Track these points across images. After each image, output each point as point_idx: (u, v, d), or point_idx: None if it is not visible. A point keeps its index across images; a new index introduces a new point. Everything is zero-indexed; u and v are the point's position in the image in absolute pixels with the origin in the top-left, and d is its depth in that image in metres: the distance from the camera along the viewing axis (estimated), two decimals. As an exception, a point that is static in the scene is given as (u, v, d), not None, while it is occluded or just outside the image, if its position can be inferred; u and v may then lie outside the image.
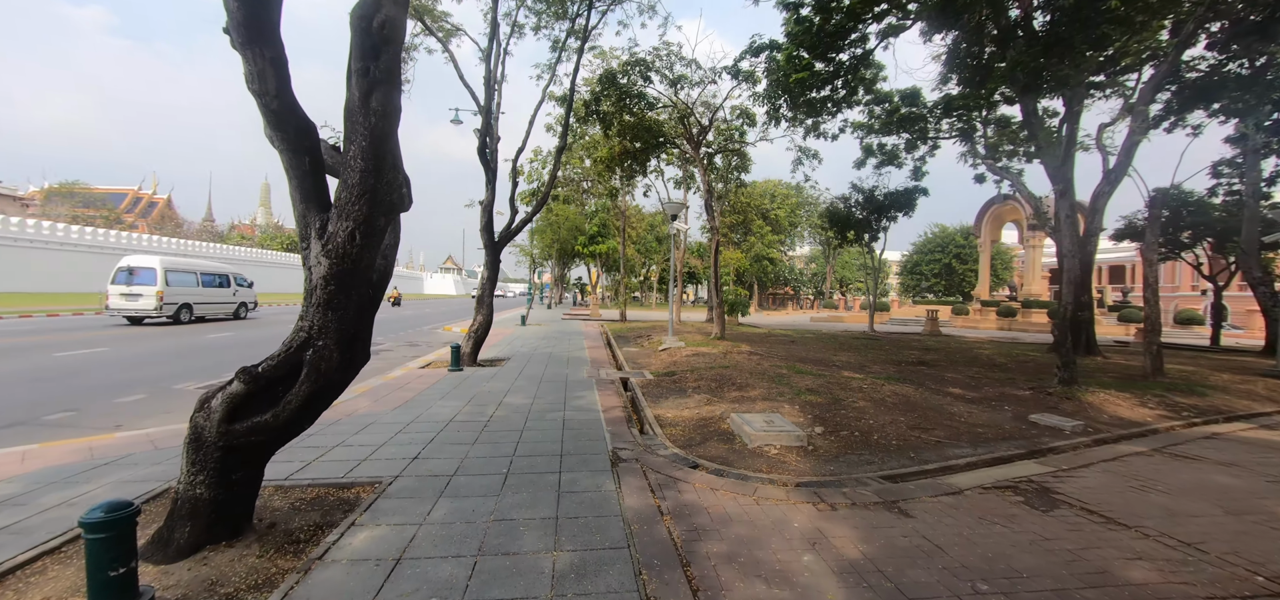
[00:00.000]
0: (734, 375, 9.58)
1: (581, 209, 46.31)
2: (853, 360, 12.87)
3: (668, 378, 9.86)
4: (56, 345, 12.92)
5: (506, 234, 11.43)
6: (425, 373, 10.05)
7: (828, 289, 70.95)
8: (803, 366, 11.16)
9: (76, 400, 7.73)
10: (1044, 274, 46.58)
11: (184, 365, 10.82)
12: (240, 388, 3.11)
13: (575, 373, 10.36)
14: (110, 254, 42.65)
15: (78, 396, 7.92)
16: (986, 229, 43.47)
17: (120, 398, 7.96)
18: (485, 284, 11.24)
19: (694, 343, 14.76)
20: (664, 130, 16.75)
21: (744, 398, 7.90)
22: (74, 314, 23.20)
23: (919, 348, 16.72)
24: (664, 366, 11.27)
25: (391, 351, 14.66)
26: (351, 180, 2.96)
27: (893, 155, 24.77)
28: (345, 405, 7.20)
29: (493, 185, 10.87)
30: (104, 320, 20.18)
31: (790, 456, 5.43)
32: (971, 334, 27.77)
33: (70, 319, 20.92)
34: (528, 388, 8.67)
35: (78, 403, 7.59)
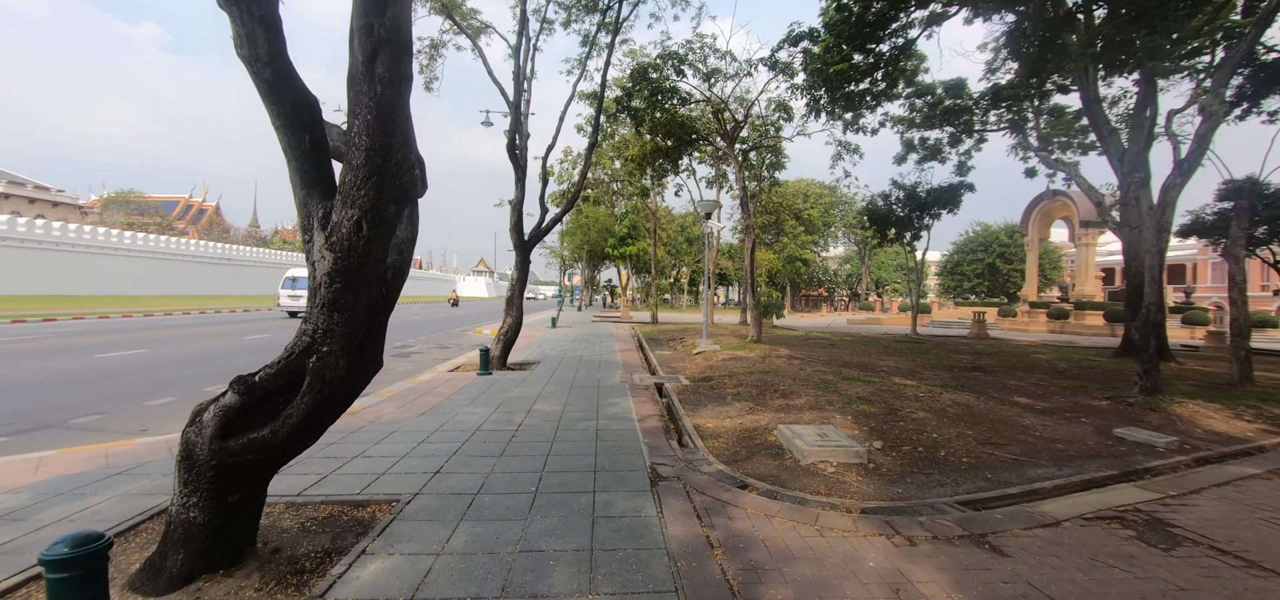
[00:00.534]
0: (776, 381, 8.98)
1: (611, 211, 46.10)
2: (901, 365, 12.08)
3: (705, 383, 9.33)
4: (100, 346, 13.17)
5: (536, 234, 11.08)
6: (454, 376, 9.76)
7: (863, 291, 69.00)
8: (849, 372, 10.46)
9: (108, 402, 7.66)
10: (1097, 273, 44.17)
11: (219, 367, 10.81)
12: (234, 400, 2.73)
13: (607, 377, 9.92)
14: (162, 259, 44.38)
15: (110, 399, 7.86)
16: (1034, 227, 41.51)
17: (151, 400, 7.87)
18: (515, 285, 10.91)
19: (729, 346, 14.16)
20: (697, 127, 16.20)
21: (789, 407, 7.31)
22: (124, 316, 24.00)
23: (969, 352, 15.73)
24: (700, 371, 10.73)
25: (422, 354, 14.51)
26: (356, 161, 2.56)
27: (935, 150, 23.71)
28: (369, 411, 6.91)
29: (522, 183, 10.53)
30: (139, 323, 20.79)
31: (850, 476, 4.84)
32: (1021, 337, 26.31)
33: (119, 321, 21.60)
34: (558, 393, 8.26)
35: (109, 405, 7.51)
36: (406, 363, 12.67)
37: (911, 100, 21.57)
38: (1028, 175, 23.23)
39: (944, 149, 23.68)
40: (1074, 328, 32.49)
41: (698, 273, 69.20)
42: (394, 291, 3.24)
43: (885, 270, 74.97)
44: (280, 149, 2.69)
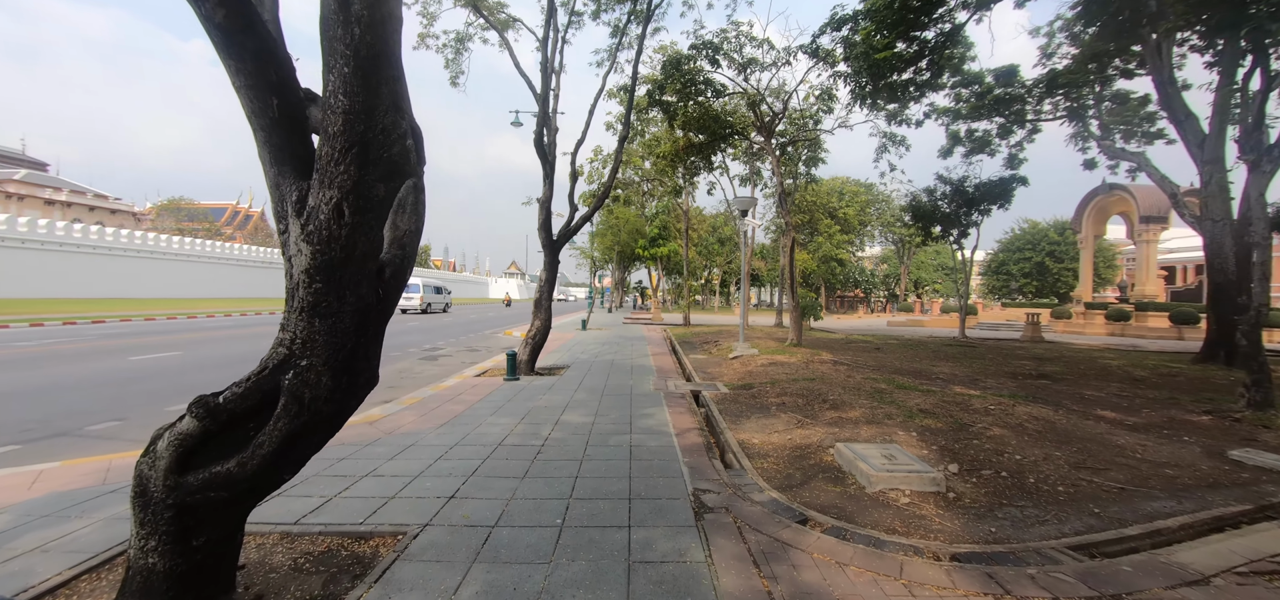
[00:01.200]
0: (824, 390, 8.23)
1: (641, 211, 45.61)
2: (958, 372, 11.13)
3: (745, 391, 8.64)
4: (136, 348, 13.28)
5: (565, 233, 10.58)
6: (480, 382, 9.32)
7: (902, 292, 66.70)
8: (902, 380, 9.62)
9: (130, 408, 7.46)
10: (1159, 272, 41.47)
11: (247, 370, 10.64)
12: (193, 426, 2.24)
13: (640, 384, 9.32)
14: (209, 263, 45.93)
15: (133, 404, 7.67)
16: (1088, 223, 39.19)
17: (171, 406, 7.64)
18: (543, 286, 10.44)
19: (768, 350, 13.40)
20: (731, 120, 15.49)
21: (843, 420, 6.58)
22: (168, 318, 24.62)
23: (1029, 357, 14.56)
24: (738, 378, 10.04)
25: (450, 357, 14.21)
26: (333, 128, 2.03)
27: (983, 142, 22.40)
28: (388, 420, 6.48)
29: (551, 180, 10.05)
30: (181, 324, 21.21)
31: (928, 507, 4.12)
32: (1080, 340, 24.65)
33: (163, 323, 22.12)
34: (588, 402, 7.71)
35: (130, 410, 7.31)
36: (434, 367, 12.35)
37: (957, 90, 20.37)
38: (1086, 167, 21.72)
39: (992, 141, 22.36)
40: (1136, 330, 30.43)
41: (729, 273, 68.08)
42: (393, 293, 2.71)
43: (925, 270, 72.35)
44: (247, 120, 2.18)
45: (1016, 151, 22.47)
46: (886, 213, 63.13)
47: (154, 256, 41.60)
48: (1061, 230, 58.84)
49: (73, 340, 14.94)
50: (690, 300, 31.22)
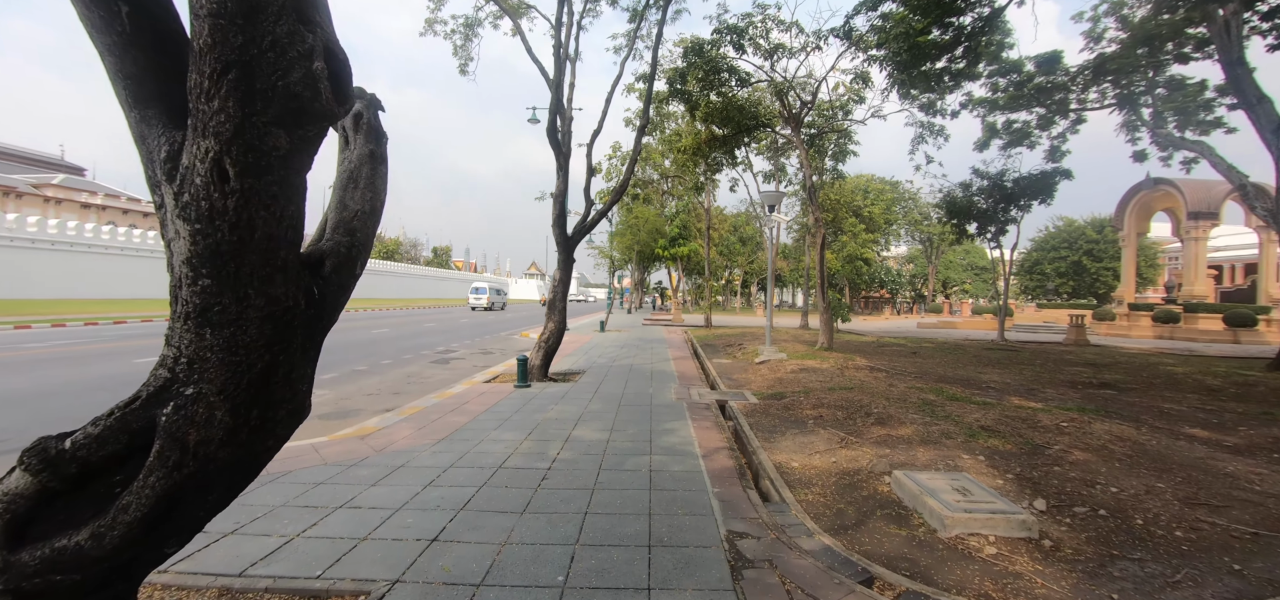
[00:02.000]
0: (865, 401, 7.39)
1: (661, 211, 44.84)
2: (1010, 381, 10.15)
3: (776, 401, 7.84)
4: (144, 351, 12.99)
5: (581, 229, 9.90)
6: (489, 389, 8.68)
7: (930, 292, 64.76)
8: (949, 388, 8.71)
9: (115, 417, 6.98)
10: (1209, 272, 39.34)
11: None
12: (25, 483, 1.57)
13: (661, 392, 8.58)
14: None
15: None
16: (1131, 220, 37.33)
17: (160, 414, 7.13)
18: (557, 286, 9.77)
19: (797, 354, 12.55)
20: (757, 111, 14.65)
21: (893, 439, 5.75)
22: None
23: (1081, 362, 13.44)
24: (768, 385, 9.23)
25: (462, 360, 13.66)
26: (201, 40, 1.33)
27: (1022, 134, 21.16)
28: (382, 434, 5.85)
29: (565, 173, 9.37)
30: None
31: (1021, 560, 3.30)
32: (1128, 344, 23.21)
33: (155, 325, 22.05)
34: (604, 414, 6.99)
35: (114, 420, 6.82)
36: (444, 370, 11.78)
37: (994, 79, 19.22)
38: (1136, 159, 20.35)
39: (1032, 132, 21.11)
40: (1187, 333, 28.70)
41: (751, 274, 66.91)
42: (336, 292, 2.02)
43: (953, 270, 70.23)
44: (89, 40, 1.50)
45: (1059, 143, 21.21)
46: (913, 211, 61.43)
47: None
48: (1099, 228, 56.44)
49: (86, 341, 14.77)
50: (712, 301, 30.36)
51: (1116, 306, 36.31)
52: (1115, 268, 54.37)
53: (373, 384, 9.94)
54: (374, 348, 15.28)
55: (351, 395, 8.92)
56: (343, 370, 11.24)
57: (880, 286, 68.88)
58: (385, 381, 10.22)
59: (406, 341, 17.35)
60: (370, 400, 8.55)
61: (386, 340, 17.37)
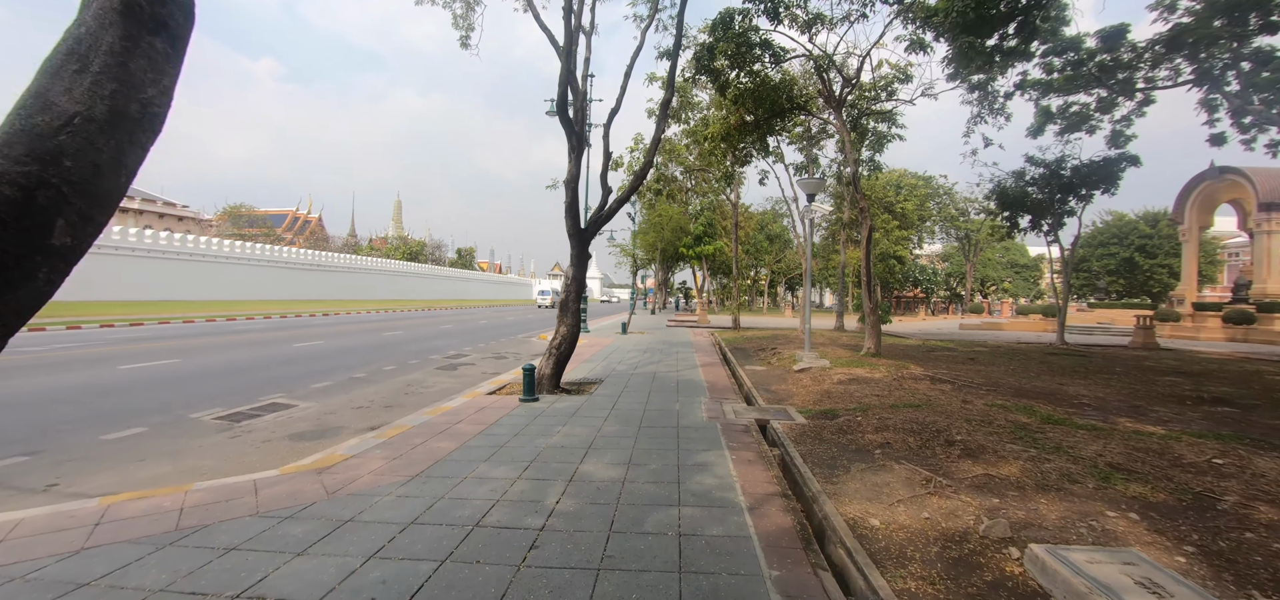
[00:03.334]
0: (940, 422, 6.01)
1: (685, 209, 43.51)
2: (1104, 395, 8.58)
3: (827, 420, 6.51)
4: (138, 355, 12.27)
5: (597, 219, 8.70)
6: (490, 403, 7.54)
7: (968, 291, 61.89)
8: (1039, 406, 7.24)
9: (63, 433, 6.05)
10: None
11: (235, 383, 9.27)
12: None
13: (689, 408, 7.31)
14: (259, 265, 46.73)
15: (69, 428, 6.26)
16: (1192, 213, 34.67)
17: (112, 433, 6.18)
18: (569, 285, 8.58)
19: (841, 361, 11.14)
20: (792, 92, 13.25)
21: (995, 480, 4.39)
22: (207, 321, 24.27)
23: (1172, 372, 11.70)
24: (814, 399, 7.89)
25: (473, 365, 12.60)
26: None
27: (1081, 118, 19.24)
28: (345, 468, 4.73)
29: (577, 156, 8.18)
30: (212, 328, 20.60)
31: None
32: (1199, 347, 21.06)
33: (201, 325, 21.65)
34: (620, 439, 5.76)
35: (59, 437, 5.88)
36: (450, 379, 10.72)
37: (1048, 58, 17.40)
38: (1213, 143, 18.21)
39: (1091, 116, 19.16)
40: (1261, 334, 26.23)
41: (778, 273, 64.96)
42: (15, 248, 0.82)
43: (992, 268, 67.09)
44: None
45: (1122, 127, 19.21)
46: (948, 206, 58.89)
47: (205, 260, 42.50)
48: (1153, 222, 53.10)
49: (91, 345, 14.18)
50: (740, 301, 28.93)
51: (1178, 306, 33.68)
52: (1171, 265, 51.06)
53: (367, 395, 8.92)
54: (381, 352, 14.37)
55: (338, 409, 7.88)
56: (338, 378, 10.27)
57: (914, 285, 66.16)
58: (381, 392, 9.19)
59: (418, 345, 16.43)
60: (357, 415, 7.49)
61: (397, 344, 16.48)
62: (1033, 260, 70.83)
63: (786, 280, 69.35)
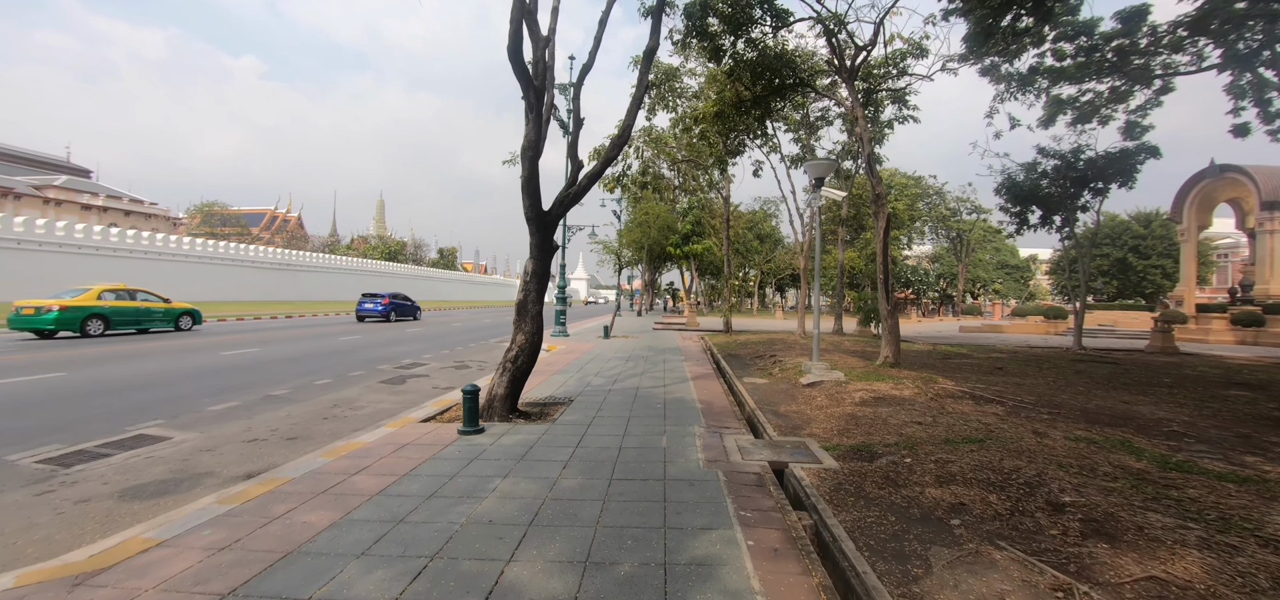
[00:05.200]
0: (1023, 468, 4.35)
1: (673, 207, 41.86)
2: (1192, 420, 6.97)
3: (865, 462, 4.82)
4: (40, 366, 10.23)
5: (564, 199, 6.91)
6: (422, 433, 5.74)
7: (960, 293, 60.96)
8: (1132, 438, 5.59)
9: None
10: None
11: (126, 402, 7.34)
12: None
13: (680, 443, 5.56)
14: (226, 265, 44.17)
15: None
16: (1191, 213, 33.81)
17: None
18: (529, 282, 6.78)
19: (856, 373, 9.48)
20: (795, 63, 11.58)
21: (1170, 590, 2.70)
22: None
23: (1230, 383, 10.21)
24: (837, 427, 6.19)
25: (425, 378, 10.75)
26: None
27: (1091, 108, 17.87)
28: (132, 570, 2.91)
29: (537, 117, 6.39)
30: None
31: None
32: (1220, 352, 19.82)
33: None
34: (580, 508, 3.98)
35: None
36: (388, 396, 8.87)
37: (1059, 45, 15.97)
38: (1237, 134, 16.88)
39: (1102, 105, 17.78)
40: (1275, 337, 25.17)
41: (768, 274, 63.56)
42: None
43: (983, 269, 66.25)
44: None
45: (1138, 118, 17.85)
46: (939, 206, 58.07)
47: (162, 258, 39.93)
48: (1145, 223, 52.46)
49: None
50: (731, 303, 27.27)
51: (1177, 307, 32.74)
52: (1164, 265, 50.44)
53: (273, 421, 7.06)
54: (325, 361, 12.45)
55: (223, 443, 6.03)
56: (250, 397, 8.38)
57: (905, 287, 65.14)
58: (294, 416, 7.33)
59: (373, 352, 14.51)
60: (241, 454, 5.65)
61: (349, 351, 14.55)
62: (1023, 261, 70.30)
63: (776, 281, 68.04)
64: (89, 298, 15.97)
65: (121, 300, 16.95)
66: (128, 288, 18.07)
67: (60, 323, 14.96)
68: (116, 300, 16.78)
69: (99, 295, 16.33)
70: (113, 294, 16.85)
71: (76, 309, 15.41)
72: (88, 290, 16.34)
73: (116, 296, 16.88)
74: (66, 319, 15.09)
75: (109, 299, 16.57)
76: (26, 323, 15.02)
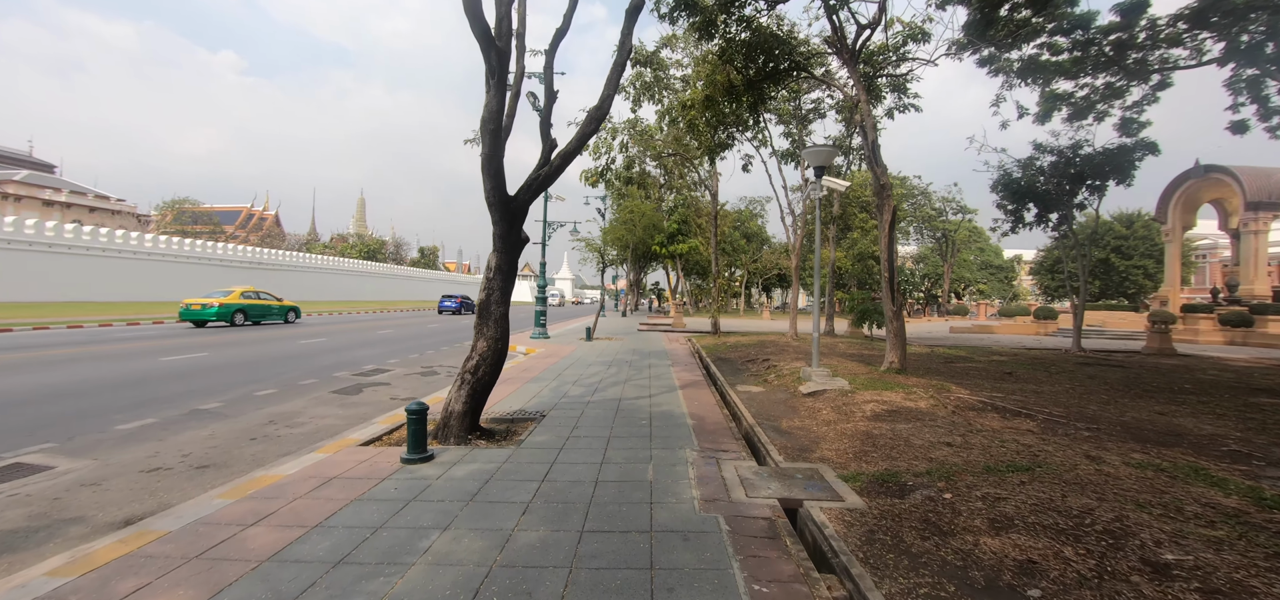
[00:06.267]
0: (1094, 507, 3.50)
1: (659, 205, 41.01)
2: (1245, 435, 6.21)
3: (895, 499, 3.93)
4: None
5: (535, 181, 5.93)
6: (357, 462, 4.74)
7: (945, 292, 60.96)
8: (1199, 462, 4.78)
9: None
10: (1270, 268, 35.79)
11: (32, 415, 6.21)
12: None
13: (669, 474, 4.62)
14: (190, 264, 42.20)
15: None
16: (1176, 213, 33.85)
17: None
18: (492, 278, 5.78)
19: (860, 380, 8.63)
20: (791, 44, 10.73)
21: None
22: (102, 325, 20.52)
23: (1258, 391, 9.56)
24: (850, 448, 5.30)
25: (384, 387, 9.68)
26: None
27: (1086, 105, 17.40)
28: None
29: (500, 84, 5.40)
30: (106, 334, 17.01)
31: None
32: (1216, 353, 19.44)
33: (30, 335, 17.97)
34: (543, 573, 3.02)
35: None
36: (336, 410, 7.81)
37: (1054, 38, 15.42)
38: (1235, 131, 16.46)
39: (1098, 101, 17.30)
40: (1263, 338, 25.03)
41: (754, 274, 62.98)
42: None
43: (968, 269, 66.37)
44: None
45: (1134, 115, 17.39)
46: (925, 207, 58.12)
47: (134, 257, 38.01)
48: (1128, 223, 52.83)
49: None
50: (719, 303, 26.45)
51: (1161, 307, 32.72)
52: (1145, 266, 50.79)
53: (194, 440, 5.99)
54: (280, 366, 11.32)
55: (124, 468, 4.99)
56: (173, 412, 7.27)
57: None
58: (220, 435, 6.26)
59: (334, 356, 13.37)
60: (140, 486, 4.61)
61: (307, 355, 13.39)
62: (1007, 262, 70.68)
63: (763, 281, 67.52)
64: (234, 297, 21.62)
65: (248, 300, 22.25)
66: (254, 289, 24.00)
67: (219, 316, 20.54)
68: (252, 300, 22.44)
69: (242, 294, 22.18)
70: (249, 295, 22.66)
71: (228, 306, 20.94)
72: (232, 292, 21.99)
73: (244, 296, 22.29)
74: (223, 313, 20.64)
75: (250, 298, 22.38)
76: (191, 315, 20.53)
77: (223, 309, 20.48)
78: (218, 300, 20.67)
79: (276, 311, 23.49)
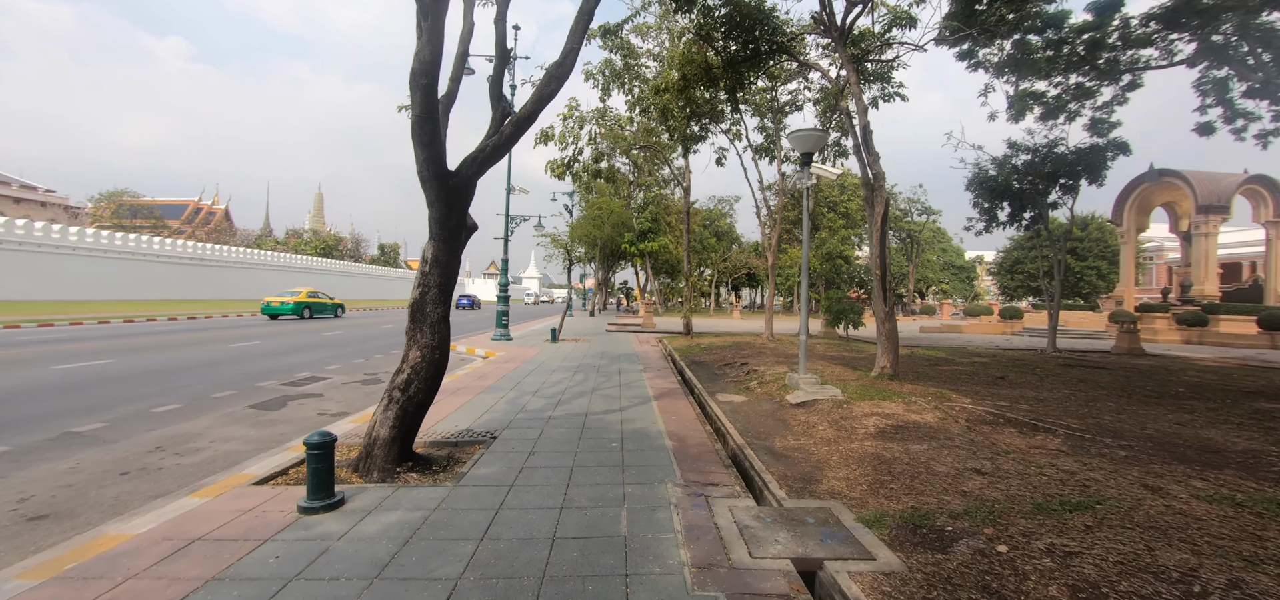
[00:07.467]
0: (1195, 565, 2.69)
1: (628, 202, 40.07)
2: (1268, 450, 5.61)
3: (934, 551, 3.06)
4: None
5: (482, 153, 4.85)
6: (248, 508, 3.60)
7: (909, 292, 61.84)
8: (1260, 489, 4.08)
9: None
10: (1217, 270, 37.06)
11: None
12: None
13: (648, 523, 3.64)
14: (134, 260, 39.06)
15: None
16: (1131, 216, 34.82)
17: None
18: (428, 273, 4.69)
19: (852, 388, 7.83)
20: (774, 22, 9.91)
21: None
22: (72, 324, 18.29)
23: (1255, 393, 9.19)
24: (862, 478, 4.42)
25: (316, 398, 8.41)
26: None
27: (1058, 105, 17.27)
28: None
29: (434, 30, 4.29)
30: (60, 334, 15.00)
31: None
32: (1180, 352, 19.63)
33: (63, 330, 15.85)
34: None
35: None
36: (253, 429, 6.56)
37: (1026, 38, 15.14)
38: (1202, 133, 16.49)
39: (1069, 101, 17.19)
40: (1218, 337, 25.65)
41: (724, 273, 62.62)
42: None
43: (931, 270, 67.57)
44: None
45: (1104, 116, 17.35)
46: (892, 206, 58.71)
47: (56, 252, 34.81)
48: (1083, 225, 54.47)
49: None
50: (692, 303, 25.64)
51: (1118, 306, 33.56)
52: (1099, 267, 52.46)
53: (47, 476, 4.72)
54: (198, 375, 9.88)
55: (-96, 533, 3.70)
56: (47, 432, 5.93)
57: (857, 286, 65.63)
58: (85, 468, 4.99)
59: (266, 362, 11.92)
60: (-88, 559, 3.35)
61: (237, 359, 11.91)
62: (968, 262, 72.31)
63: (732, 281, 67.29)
64: (302, 295, 27.04)
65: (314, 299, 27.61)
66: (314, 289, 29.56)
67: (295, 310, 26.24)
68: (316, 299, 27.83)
69: (309, 294, 27.71)
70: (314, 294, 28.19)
71: (298, 304, 26.38)
72: (300, 292, 27.43)
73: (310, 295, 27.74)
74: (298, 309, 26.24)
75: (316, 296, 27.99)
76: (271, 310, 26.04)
77: (297, 306, 26.00)
78: (294, 299, 26.25)
79: (329, 308, 28.50)
